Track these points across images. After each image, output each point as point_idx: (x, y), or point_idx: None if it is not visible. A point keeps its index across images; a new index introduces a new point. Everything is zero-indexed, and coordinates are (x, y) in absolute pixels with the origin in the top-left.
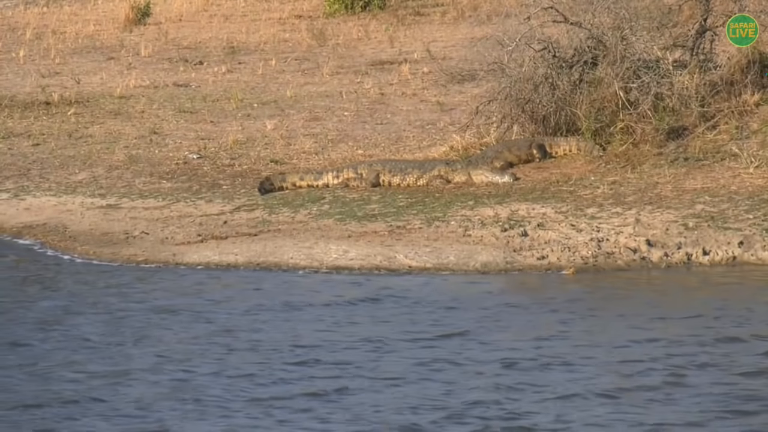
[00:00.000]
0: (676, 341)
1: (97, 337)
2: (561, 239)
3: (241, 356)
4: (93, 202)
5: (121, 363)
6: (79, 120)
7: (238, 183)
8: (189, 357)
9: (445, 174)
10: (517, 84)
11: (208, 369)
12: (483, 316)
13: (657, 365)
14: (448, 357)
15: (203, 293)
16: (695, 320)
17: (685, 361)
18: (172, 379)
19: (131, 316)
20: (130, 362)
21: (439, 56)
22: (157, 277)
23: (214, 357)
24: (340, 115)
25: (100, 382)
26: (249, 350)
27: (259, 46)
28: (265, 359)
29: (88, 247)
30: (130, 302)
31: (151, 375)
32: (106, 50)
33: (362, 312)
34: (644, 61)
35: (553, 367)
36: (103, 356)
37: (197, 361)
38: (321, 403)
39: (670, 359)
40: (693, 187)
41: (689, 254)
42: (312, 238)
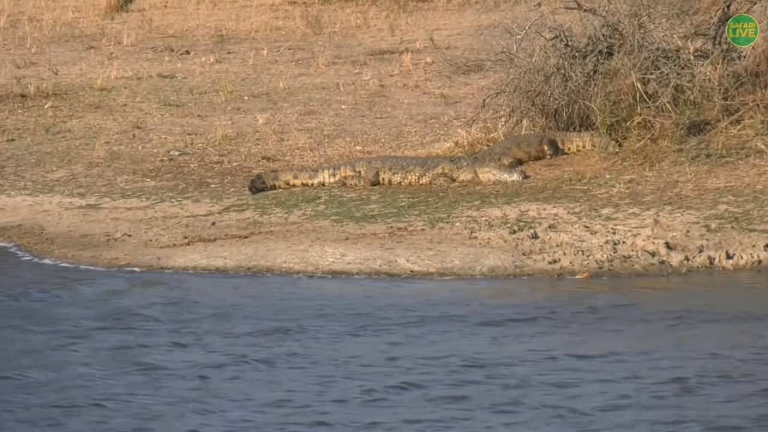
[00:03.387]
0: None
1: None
2: (574, 242)
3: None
4: (71, 201)
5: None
6: (57, 114)
7: (227, 181)
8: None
9: (449, 172)
10: (526, 75)
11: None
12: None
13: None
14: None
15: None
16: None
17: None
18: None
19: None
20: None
21: (443, 45)
22: (151, 282)
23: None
24: (337, 109)
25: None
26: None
27: (249, 34)
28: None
29: (67, 250)
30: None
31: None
32: (85, 39)
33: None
34: (663, 50)
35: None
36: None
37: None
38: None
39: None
40: (715, 185)
41: (711, 258)
42: (307, 240)
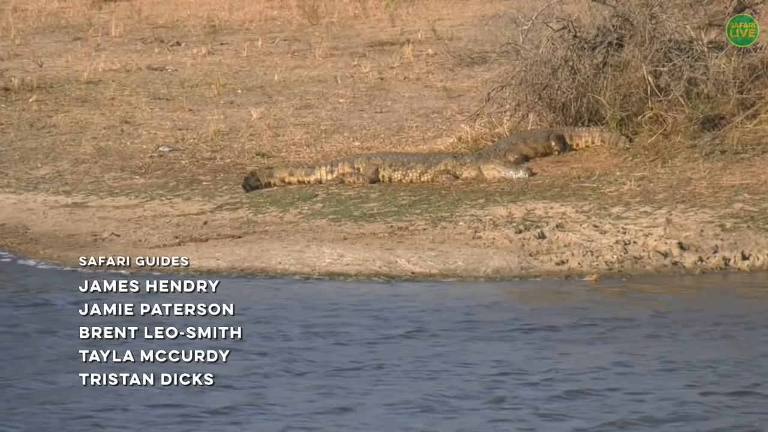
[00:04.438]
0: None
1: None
2: (583, 242)
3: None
4: (57, 200)
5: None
6: (42, 108)
7: (219, 179)
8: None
9: (452, 168)
10: (533, 67)
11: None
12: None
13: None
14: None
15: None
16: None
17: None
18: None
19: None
20: None
21: (445, 36)
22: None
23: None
24: (335, 103)
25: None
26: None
27: (243, 24)
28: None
29: (52, 251)
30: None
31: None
32: (72, 30)
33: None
34: (676, 42)
35: None
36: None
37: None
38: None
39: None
40: (731, 183)
41: (726, 259)
42: (303, 240)
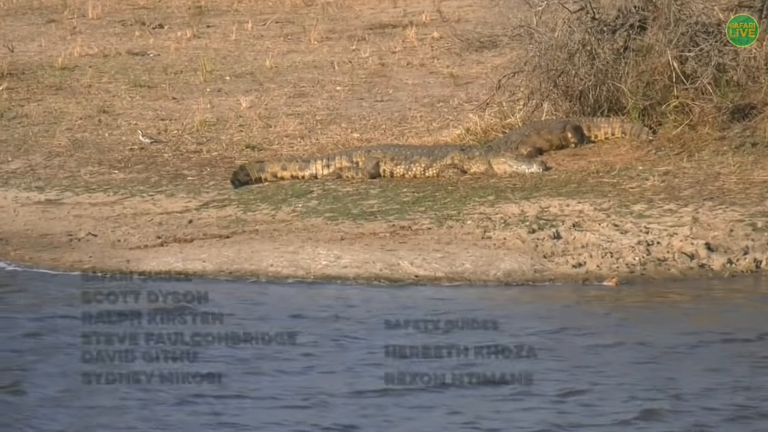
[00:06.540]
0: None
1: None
2: (602, 243)
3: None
4: (29, 196)
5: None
6: (13, 96)
7: (206, 173)
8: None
9: (459, 162)
10: (548, 52)
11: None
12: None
13: None
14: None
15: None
16: None
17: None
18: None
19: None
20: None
21: (452, 18)
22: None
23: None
24: (331, 91)
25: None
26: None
27: (232, 5)
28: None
29: (24, 252)
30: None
31: None
32: (45, 11)
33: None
34: (703, 24)
35: None
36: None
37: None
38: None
39: None
40: (762, 178)
41: (758, 261)
42: (297, 240)
